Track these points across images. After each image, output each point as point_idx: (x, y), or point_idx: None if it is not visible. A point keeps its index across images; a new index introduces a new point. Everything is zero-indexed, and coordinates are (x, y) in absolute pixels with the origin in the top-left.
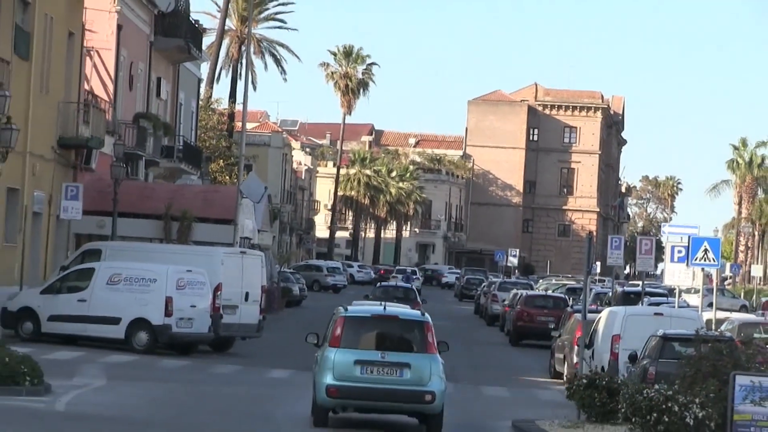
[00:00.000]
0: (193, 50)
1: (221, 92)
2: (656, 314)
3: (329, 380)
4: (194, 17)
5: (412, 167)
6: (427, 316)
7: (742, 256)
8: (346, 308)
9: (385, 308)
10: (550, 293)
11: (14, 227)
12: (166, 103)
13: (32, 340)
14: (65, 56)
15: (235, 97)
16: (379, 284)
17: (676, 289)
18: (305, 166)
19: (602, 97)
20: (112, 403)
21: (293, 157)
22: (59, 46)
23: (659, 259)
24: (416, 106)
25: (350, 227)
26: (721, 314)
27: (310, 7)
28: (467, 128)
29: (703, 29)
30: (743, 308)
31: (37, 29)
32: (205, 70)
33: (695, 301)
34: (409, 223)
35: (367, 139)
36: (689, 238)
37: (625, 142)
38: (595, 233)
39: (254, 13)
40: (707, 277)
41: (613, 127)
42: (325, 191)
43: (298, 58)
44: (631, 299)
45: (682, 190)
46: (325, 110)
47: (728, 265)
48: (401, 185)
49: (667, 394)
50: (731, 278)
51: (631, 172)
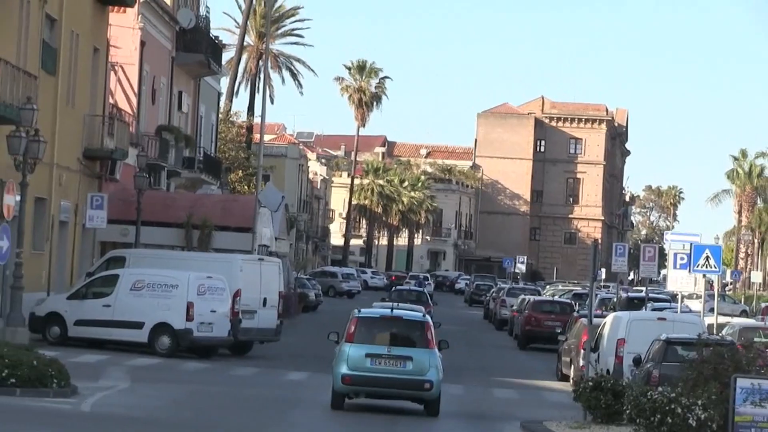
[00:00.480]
0: (213, 65)
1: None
2: (659, 319)
3: (344, 370)
4: (214, 33)
5: (423, 177)
6: (427, 317)
7: (742, 262)
8: (359, 310)
9: (392, 311)
10: (556, 299)
11: (42, 235)
12: (187, 116)
13: (59, 343)
14: (90, 71)
15: (253, 110)
16: (394, 288)
17: (678, 294)
18: (321, 176)
19: (606, 109)
20: (135, 404)
21: (309, 167)
22: (85, 61)
23: (662, 265)
24: (427, 118)
25: (364, 235)
26: (722, 319)
27: (325, 23)
28: (476, 140)
29: (704, 44)
30: (743, 313)
31: (63, 45)
32: (224, 84)
33: (697, 306)
34: (420, 231)
35: (380, 150)
36: (691, 245)
37: (628, 152)
38: (600, 241)
39: (272, 29)
40: (709, 283)
41: (617, 138)
42: (339, 200)
43: (313, 72)
44: (635, 304)
45: (684, 199)
46: (339, 123)
47: (729, 271)
48: (413, 194)
49: (670, 396)
50: (732, 284)
51: (634, 181)
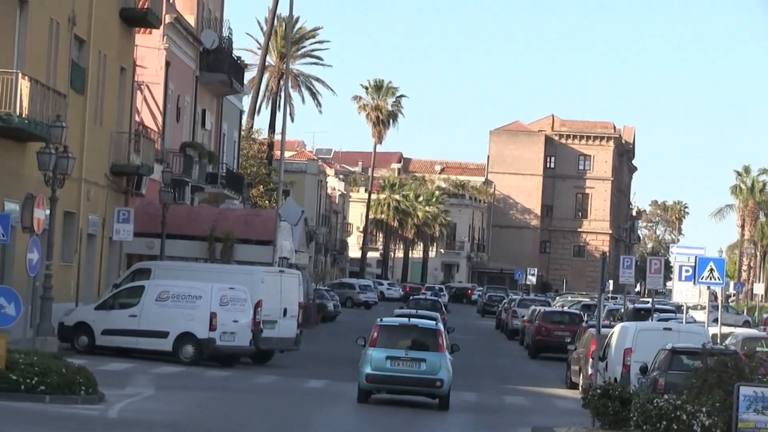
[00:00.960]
0: (235, 84)
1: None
2: (665, 329)
3: (368, 370)
4: (236, 54)
5: (437, 192)
6: (439, 325)
7: (745, 275)
8: (381, 319)
9: (409, 320)
10: (566, 309)
11: (70, 248)
12: (210, 133)
13: (87, 352)
14: (118, 90)
15: (274, 127)
16: (412, 297)
17: (683, 305)
18: (339, 191)
19: (614, 127)
20: (160, 410)
21: (328, 183)
22: (112, 80)
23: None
24: (442, 135)
25: (380, 248)
26: (725, 329)
27: (344, 43)
28: (489, 156)
29: (709, 63)
30: (746, 324)
31: (91, 65)
32: (246, 102)
33: (701, 317)
34: (435, 244)
35: (396, 166)
36: (696, 258)
37: (635, 169)
38: (608, 254)
39: (292, 50)
40: (713, 294)
41: (624, 155)
42: (357, 215)
43: (332, 91)
44: (641, 315)
45: (688, 213)
46: (357, 140)
47: (732, 283)
48: (428, 209)
49: (675, 403)
50: (735, 296)
51: (641, 197)
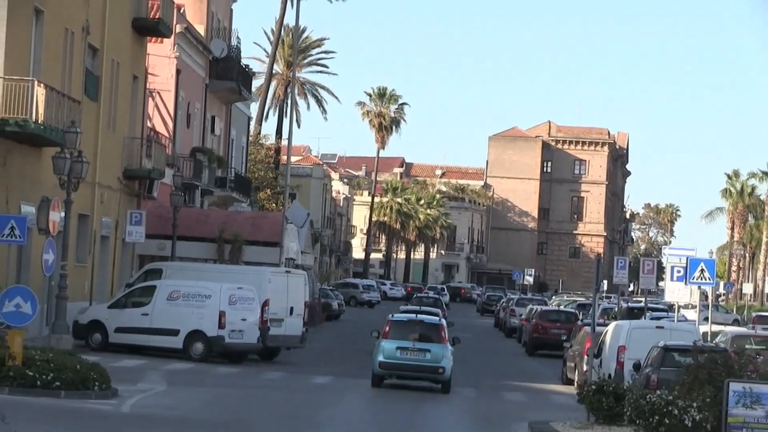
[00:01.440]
0: (243, 92)
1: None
2: (658, 327)
3: (381, 358)
4: (245, 62)
5: (438, 196)
6: (442, 321)
7: (734, 275)
8: (393, 315)
9: (416, 315)
10: (562, 308)
11: (85, 249)
12: (219, 138)
13: (101, 349)
14: (130, 97)
15: (281, 133)
16: (415, 296)
17: (675, 304)
18: (343, 194)
19: (609, 133)
20: (172, 405)
21: (332, 186)
22: (125, 88)
23: (660, 278)
24: (442, 141)
25: (383, 249)
26: (716, 327)
27: (348, 52)
28: (488, 161)
29: (700, 71)
30: (735, 322)
31: (105, 73)
32: (254, 109)
33: (693, 315)
34: (435, 245)
35: (398, 170)
36: (687, 259)
37: (629, 173)
38: (602, 255)
39: (299, 59)
40: (703, 294)
41: (618, 160)
42: (360, 217)
43: (337, 99)
44: (634, 314)
45: (680, 216)
46: (361, 145)
47: (722, 283)
48: (429, 212)
49: (667, 399)
50: (725, 295)
51: (634, 200)
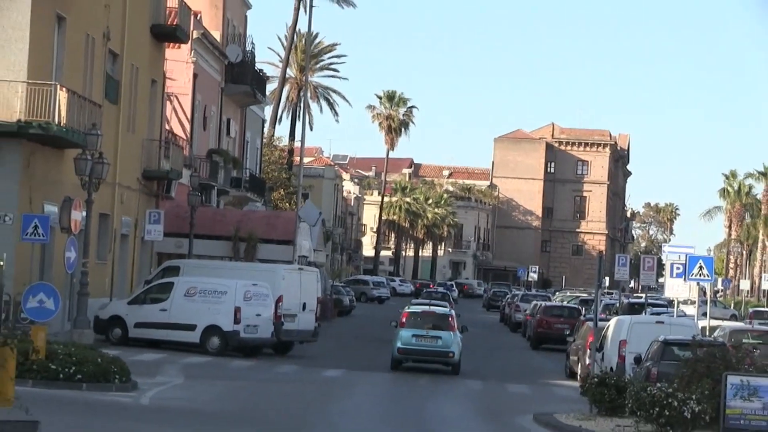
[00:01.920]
0: (258, 95)
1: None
2: (658, 322)
3: (399, 345)
4: (259, 67)
5: (445, 195)
6: (452, 311)
7: (732, 272)
8: (409, 306)
9: (429, 307)
10: (565, 304)
11: (105, 247)
12: (234, 140)
13: (120, 344)
14: (149, 100)
15: (293, 135)
16: (425, 291)
17: (674, 300)
18: (354, 194)
19: (610, 135)
20: (189, 398)
21: (343, 186)
22: (143, 91)
23: (660, 274)
24: (449, 142)
25: (392, 247)
26: (714, 322)
27: (359, 57)
28: (493, 162)
29: (699, 74)
30: (733, 317)
31: (124, 77)
32: (268, 112)
33: (691, 311)
34: (443, 243)
35: (407, 171)
36: (686, 256)
37: (629, 173)
38: (604, 252)
39: (311, 63)
40: (702, 290)
41: (619, 160)
42: (370, 216)
43: (348, 102)
44: (635, 309)
45: (679, 215)
46: (371, 146)
47: (720, 279)
48: (436, 211)
49: (667, 391)
50: (722, 291)
51: (635, 199)
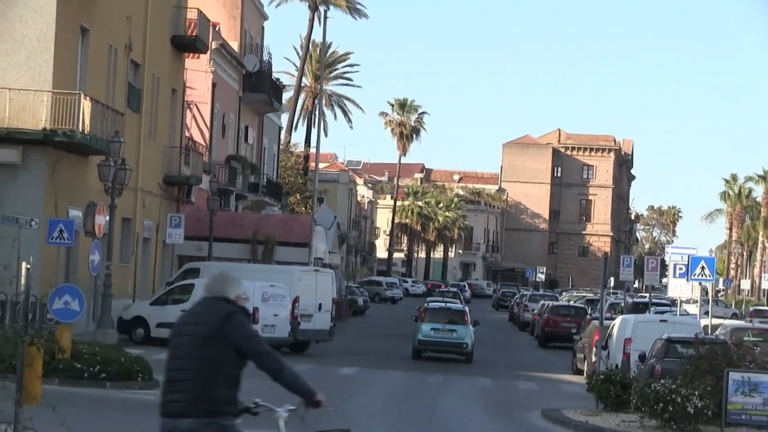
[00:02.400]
0: (274, 103)
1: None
2: (661, 321)
3: (419, 337)
4: (275, 76)
5: (456, 199)
6: (466, 307)
7: (733, 272)
8: (428, 302)
9: (446, 304)
10: (572, 304)
11: (128, 250)
12: (252, 147)
13: (143, 343)
14: (169, 109)
15: (309, 142)
16: (438, 290)
17: (677, 299)
18: (367, 198)
19: (615, 140)
20: None
21: (357, 191)
22: (164, 100)
23: (663, 275)
24: (459, 148)
25: (405, 249)
26: (715, 321)
27: (372, 66)
28: (502, 166)
29: (702, 81)
30: (734, 316)
31: (146, 87)
32: (284, 119)
33: (694, 310)
34: (454, 245)
35: (419, 176)
36: (689, 257)
37: (633, 177)
38: (609, 254)
39: (326, 72)
40: (704, 290)
41: (623, 165)
42: (384, 219)
43: (361, 109)
44: (639, 308)
45: (682, 217)
46: (383, 152)
47: (721, 279)
48: (447, 214)
49: (671, 387)
50: (724, 291)
51: (639, 202)
